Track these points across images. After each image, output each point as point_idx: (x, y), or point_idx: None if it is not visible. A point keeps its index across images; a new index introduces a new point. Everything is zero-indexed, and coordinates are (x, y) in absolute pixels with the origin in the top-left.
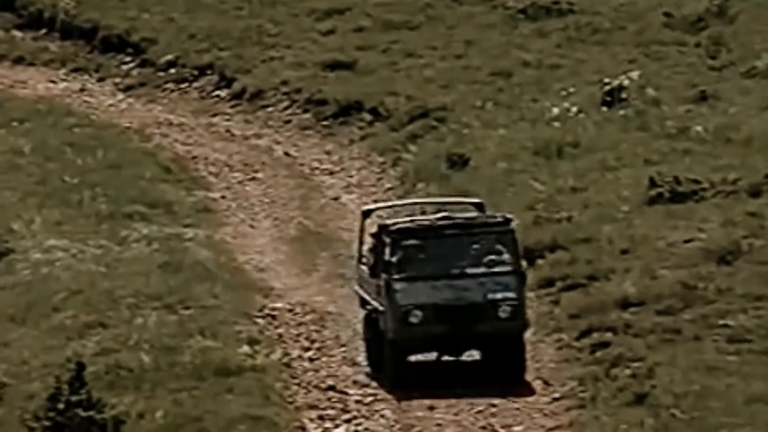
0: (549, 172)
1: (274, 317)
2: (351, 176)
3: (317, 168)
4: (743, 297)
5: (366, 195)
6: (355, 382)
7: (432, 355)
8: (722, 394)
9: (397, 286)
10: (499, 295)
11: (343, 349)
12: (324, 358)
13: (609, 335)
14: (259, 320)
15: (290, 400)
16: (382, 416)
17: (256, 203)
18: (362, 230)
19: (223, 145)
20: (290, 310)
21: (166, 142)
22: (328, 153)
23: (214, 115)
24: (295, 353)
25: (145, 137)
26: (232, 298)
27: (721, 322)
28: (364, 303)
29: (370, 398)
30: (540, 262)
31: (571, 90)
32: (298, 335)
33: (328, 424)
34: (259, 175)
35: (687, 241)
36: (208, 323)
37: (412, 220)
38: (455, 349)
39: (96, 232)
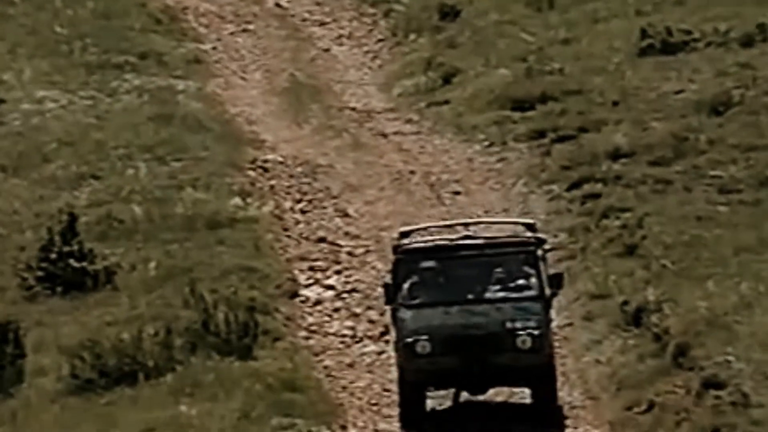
0: (540, 24)
1: (265, 169)
2: (342, 28)
3: (308, 19)
4: (734, 147)
5: (357, 47)
6: (346, 234)
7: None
8: (712, 244)
9: (405, 314)
10: (518, 324)
11: (334, 201)
12: (315, 210)
13: (599, 186)
14: (251, 172)
15: (281, 251)
16: (374, 268)
17: (247, 55)
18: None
19: None
20: (282, 162)
21: None
22: (318, 4)
23: None
24: (287, 205)
25: None
26: (224, 150)
27: (711, 172)
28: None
29: (361, 249)
30: (531, 113)
31: None
32: (290, 187)
33: (319, 276)
34: (250, 26)
35: (678, 92)
36: (199, 175)
37: (427, 240)
38: (473, 386)
39: (86, 82)
